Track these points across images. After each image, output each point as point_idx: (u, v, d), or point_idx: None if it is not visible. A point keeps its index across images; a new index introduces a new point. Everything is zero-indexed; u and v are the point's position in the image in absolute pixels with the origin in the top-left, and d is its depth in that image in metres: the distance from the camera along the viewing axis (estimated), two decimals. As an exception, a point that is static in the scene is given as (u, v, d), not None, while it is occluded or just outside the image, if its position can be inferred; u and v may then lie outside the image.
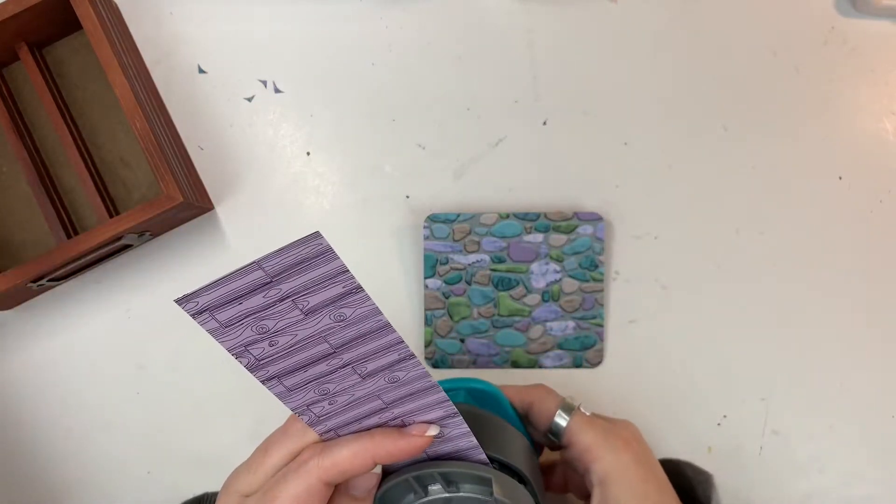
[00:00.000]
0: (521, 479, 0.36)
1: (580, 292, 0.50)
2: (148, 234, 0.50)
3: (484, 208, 0.52)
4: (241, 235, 0.53)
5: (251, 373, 0.31)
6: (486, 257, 0.50)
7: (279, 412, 0.52)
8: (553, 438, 0.40)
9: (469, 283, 0.50)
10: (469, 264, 0.50)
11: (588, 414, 0.40)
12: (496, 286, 0.50)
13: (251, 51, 0.53)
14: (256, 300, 0.28)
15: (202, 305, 0.27)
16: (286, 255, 0.27)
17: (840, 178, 0.52)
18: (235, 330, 0.29)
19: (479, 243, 0.50)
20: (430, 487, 0.34)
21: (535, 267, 0.50)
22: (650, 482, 0.38)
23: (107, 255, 0.50)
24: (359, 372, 0.31)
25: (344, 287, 0.28)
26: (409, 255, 0.52)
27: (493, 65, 0.53)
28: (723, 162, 0.52)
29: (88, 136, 0.52)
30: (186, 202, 0.47)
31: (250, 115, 0.53)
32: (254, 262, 0.26)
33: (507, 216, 0.50)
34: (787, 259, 0.51)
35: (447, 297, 0.50)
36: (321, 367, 0.31)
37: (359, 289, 0.28)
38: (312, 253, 0.27)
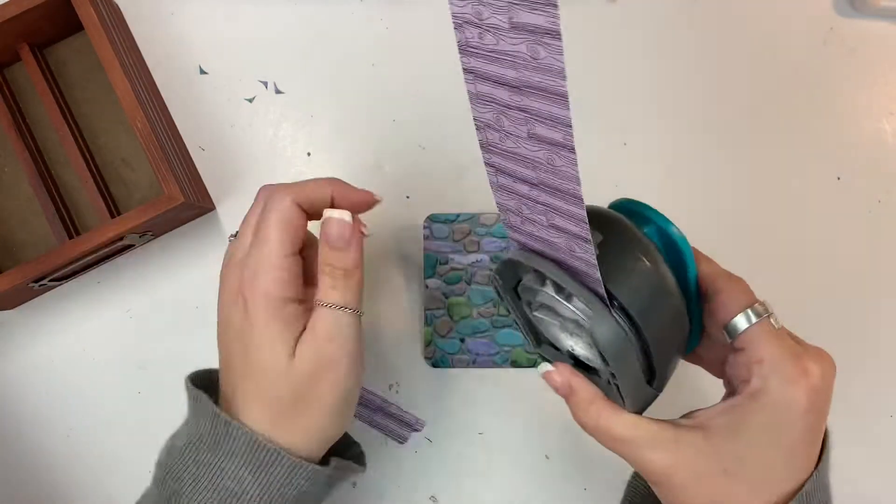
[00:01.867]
0: (638, 332, 0.33)
1: None
2: (149, 234, 0.50)
3: (484, 208, 0.52)
4: (241, 235, 0.53)
5: (482, 151, 0.31)
6: (486, 257, 0.50)
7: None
8: (726, 336, 0.35)
9: (469, 283, 0.50)
10: (469, 264, 0.50)
11: (777, 326, 0.34)
12: None
13: (252, 51, 0.54)
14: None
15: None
16: None
17: (839, 178, 0.52)
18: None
19: (478, 243, 0.50)
20: (546, 282, 0.35)
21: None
22: (804, 424, 0.33)
23: (108, 255, 0.51)
24: (528, 126, 0.30)
25: (546, 21, 0.26)
26: (409, 255, 0.52)
27: (493, 65, 0.53)
28: (722, 162, 0.52)
29: (90, 137, 0.52)
30: (187, 202, 0.47)
31: (251, 115, 0.53)
32: None
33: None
34: (786, 259, 0.51)
35: (447, 297, 0.50)
36: (504, 93, 0.29)
37: (557, 34, 0.27)
38: None
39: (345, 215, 0.38)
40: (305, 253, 0.40)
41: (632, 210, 0.36)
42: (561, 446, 0.51)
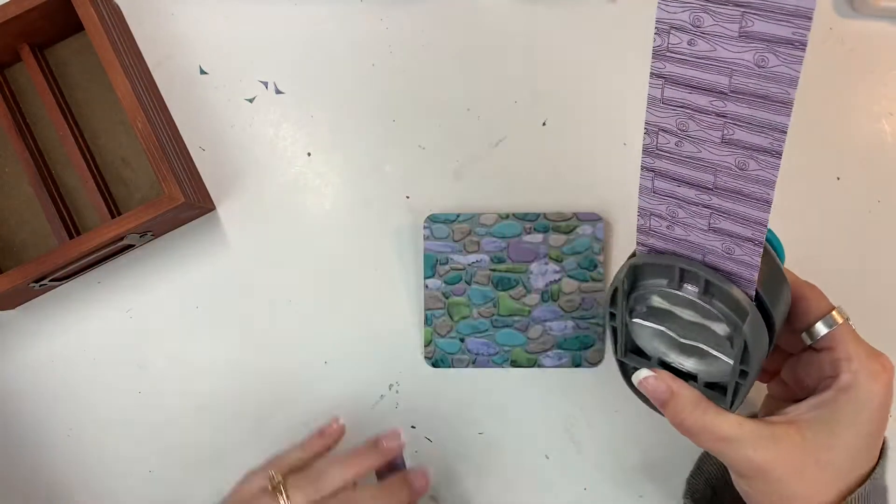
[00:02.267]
0: (770, 329, 0.36)
1: (579, 292, 0.50)
2: (149, 234, 0.50)
3: (484, 208, 0.52)
4: (242, 235, 0.53)
5: (644, 155, 0.31)
6: (486, 257, 0.50)
7: (279, 412, 0.52)
8: (806, 337, 0.39)
9: (469, 283, 0.50)
10: (469, 264, 0.50)
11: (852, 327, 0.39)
12: (496, 286, 0.50)
13: (252, 52, 0.54)
14: None
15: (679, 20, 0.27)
16: None
17: (838, 178, 0.52)
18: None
19: (478, 243, 0.50)
20: (686, 286, 0.36)
21: (534, 267, 0.50)
22: (883, 415, 0.37)
23: (108, 255, 0.51)
24: (724, 132, 0.30)
25: (794, 34, 0.26)
26: (409, 255, 0.52)
27: (493, 65, 0.53)
28: (722, 162, 0.52)
29: (90, 137, 0.52)
30: (188, 202, 0.47)
31: (251, 115, 0.53)
32: None
33: (507, 216, 0.50)
34: (786, 259, 0.51)
35: (447, 297, 0.50)
36: (701, 99, 0.29)
37: (801, 44, 0.26)
38: None
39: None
40: None
41: None
42: (561, 446, 0.51)
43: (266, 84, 0.54)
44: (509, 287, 0.50)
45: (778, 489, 0.37)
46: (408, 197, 0.53)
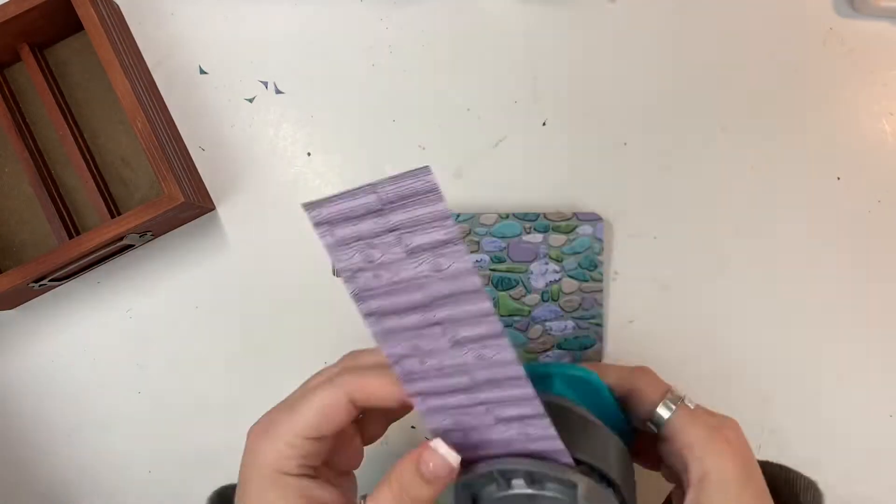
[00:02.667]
0: (610, 483, 0.35)
1: (579, 292, 0.50)
2: (149, 234, 0.50)
3: (484, 208, 0.52)
4: (242, 235, 0.53)
5: (355, 302, 0.31)
6: (486, 257, 0.50)
7: (280, 411, 0.52)
8: (652, 428, 0.38)
9: None
10: None
11: (692, 406, 0.37)
12: (496, 286, 0.50)
13: (252, 52, 0.54)
14: (368, 225, 0.29)
15: (324, 217, 0.29)
16: (399, 184, 0.27)
17: (838, 178, 0.52)
18: (347, 251, 0.29)
19: (478, 243, 0.50)
20: (513, 482, 0.34)
21: (534, 267, 0.50)
22: (749, 489, 0.35)
23: (108, 255, 0.51)
24: (448, 336, 0.31)
25: (445, 234, 0.29)
26: (410, 255, 0.52)
27: (493, 65, 0.53)
28: (721, 162, 0.52)
29: (90, 137, 0.52)
30: (188, 202, 0.47)
31: (251, 115, 0.53)
32: (369, 185, 0.28)
33: (507, 216, 0.50)
34: (785, 259, 0.51)
35: None
36: (415, 318, 0.31)
37: (458, 241, 0.29)
38: (421, 188, 0.28)
39: (452, 457, 0.33)
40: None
41: (532, 374, 0.35)
42: (561, 446, 0.51)
43: (266, 84, 0.54)
44: (509, 287, 0.50)
45: None
46: (408, 197, 0.53)
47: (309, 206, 0.28)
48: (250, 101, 0.54)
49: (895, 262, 0.51)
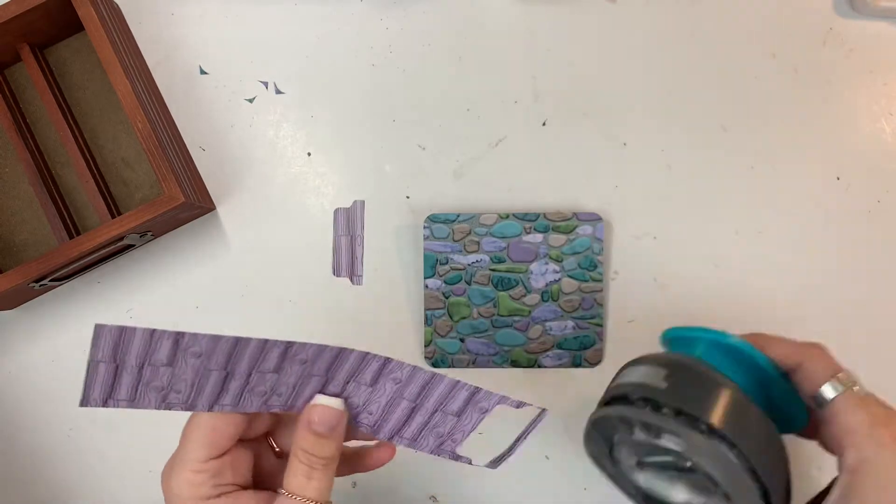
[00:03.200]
0: (723, 437, 0.34)
1: (579, 292, 0.50)
2: (149, 234, 0.50)
3: (484, 208, 0.52)
4: (242, 235, 0.53)
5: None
6: (486, 257, 0.50)
7: (280, 411, 0.52)
8: (816, 406, 0.36)
9: (469, 283, 0.50)
10: (469, 264, 0.50)
11: (863, 393, 0.35)
12: (496, 286, 0.50)
13: (252, 52, 0.54)
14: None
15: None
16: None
17: (838, 178, 0.52)
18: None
19: (478, 243, 0.50)
20: (634, 432, 0.36)
21: (534, 267, 0.50)
22: None
23: (108, 255, 0.51)
24: (361, 382, 0.36)
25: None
26: (409, 255, 0.52)
27: (493, 65, 0.53)
28: (722, 162, 0.52)
29: (90, 137, 0.52)
30: (188, 202, 0.47)
31: (251, 115, 0.53)
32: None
33: (507, 216, 0.50)
34: (785, 259, 0.51)
35: (447, 297, 0.50)
36: (334, 388, 0.36)
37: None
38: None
39: (333, 402, 0.35)
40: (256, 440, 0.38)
41: (682, 337, 0.39)
42: (561, 446, 0.51)
43: (266, 84, 0.54)
44: (509, 287, 0.50)
45: None
46: (408, 197, 0.53)
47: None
48: (250, 101, 0.54)
49: (895, 261, 0.51)
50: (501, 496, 0.51)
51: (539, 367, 0.50)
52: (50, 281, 0.49)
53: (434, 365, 0.50)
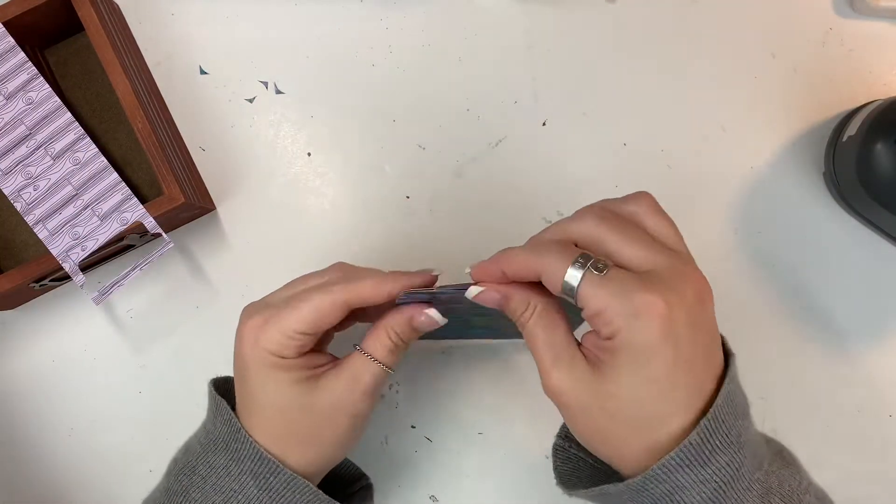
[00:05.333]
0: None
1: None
2: (149, 234, 0.50)
3: (484, 208, 0.52)
4: (242, 235, 0.53)
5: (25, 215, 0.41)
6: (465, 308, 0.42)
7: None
8: (572, 301, 0.34)
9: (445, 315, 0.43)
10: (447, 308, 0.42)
11: (604, 272, 0.33)
12: (470, 313, 0.43)
13: (252, 52, 0.54)
14: None
15: None
16: None
17: (838, 178, 0.52)
18: None
19: (451, 310, 0.42)
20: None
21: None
22: (662, 358, 0.32)
23: (108, 255, 0.51)
24: (50, 153, 0.40)
25: (28, 74, 0.39)
26: (408, 256, 0.52)
27: (492, 65, 0.53)
28: (722, 162, 0.52)
29: (90, 137, 0.52)
30: (188, 203, 0.47)
31: (251, 115, 0.53)
32: None
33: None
34: (785, 259, 0.51)
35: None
36: (22, 150, 0.40)
37: (37, 76, 0.40)
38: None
39: (440, 318, 0.40)
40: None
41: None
42: (561, 446, 0.51)
43: (266, 84, 0.54)
44: (485, 314, 0.41)
45: (574, 426, 0.35)
46: (408, 197, 0.53)
47: None
48: (250, 101, 0.54)
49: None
50: (501, 496, 0.51)
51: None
52: (50, 281, 0.49)
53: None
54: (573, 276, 0.33)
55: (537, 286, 0.36)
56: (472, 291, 0.37)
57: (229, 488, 0.37)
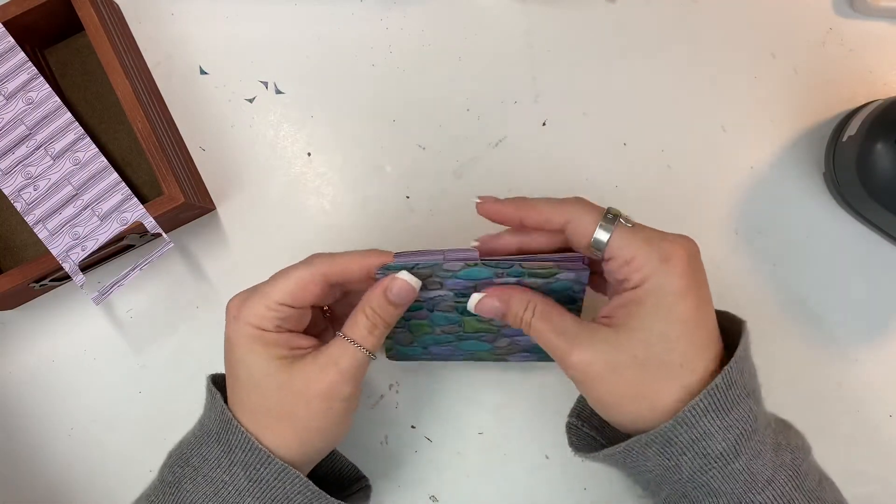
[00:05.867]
0: None
1: None
2: (149, 234, 0.50)
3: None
4: (242, 235, 0.53)
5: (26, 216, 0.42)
6: (450, 293, 0.42)
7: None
8: (598, 254, 0.37)
9: (431, 311, 0.43)
10: (430, 297, 0.42)
11: (631, 224, 0.37)
12: (461, 313, 0.43)
13: (252, 52, 0.54)
14: None
15: None
16: None
17: (838, 178, 0.52)
18: None
19: (441, 283, 0.41)
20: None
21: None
22: (689, 299, 0.35)
23: (108, 255, 0.51)
24: (50, 153, 0.39)
25: (28, 74, 0.39)
26: (410, 255, 0.52)
27: (492, 65, 0.53)
28: (722, 162, 0.52)
29: (90, 137, 0.52)
30: (188, 203, 0.47)
31: (251, 115, 0.53)
32: None
33: (475, 264, 0.40)
34: (786, 259, 0.52)
35: (408, 321, 0.45)
36: (22, 150, 0.40)
37: (37, 76, 0.39)
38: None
39: (412, 280, 0.40)
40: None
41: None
42: (561, 446, 0.51)
43: (266, 84, 0.54)
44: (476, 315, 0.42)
45: (602, 389, 0.36)
46: (408, 197, 0.53)
47: None
48: (250, 101, 0.54)
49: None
50: (501, 496, 0.51)
51: (504, 361, 0.47)
52: (50, 281, 0.49)
53: (394, 358, 0.48)
54: (605, 227, 0.36)
55: (529, 290, 0.39)
56: (474, 300, 0.40)
57: (220, 479, 0.38)
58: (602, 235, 0.36)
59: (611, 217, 0.37)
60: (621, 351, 0.36)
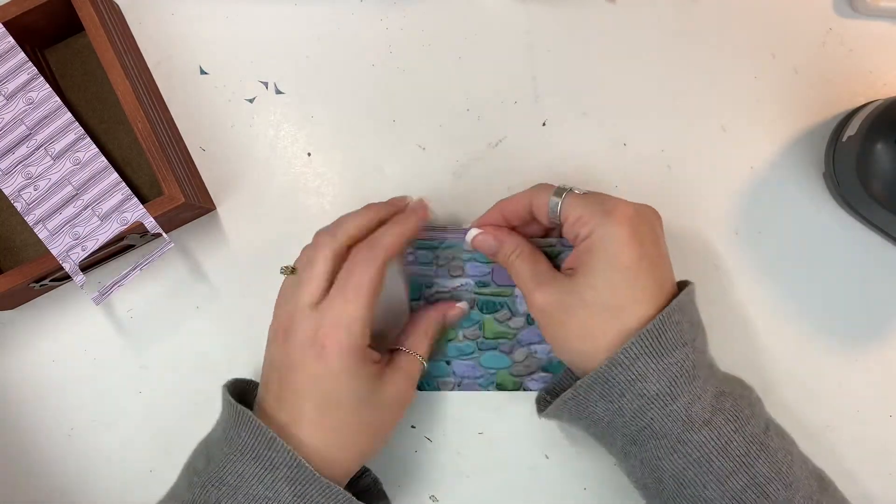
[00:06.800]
0: None
1: None
2: (150, 234, 0.50)
3: (484, 207, 0.52)
4: (242, 235, 0.53)
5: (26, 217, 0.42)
6: (471, 281, 0.50)
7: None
8: (555, 221, 0.43)
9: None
10: (454, 288, 0.50)
11: (581, 193, 0.43)
12: (481, 309, 0.50)
13: (252, 52, 0.54)
14: None
15: None
16: None
17: (838, 178, 0.52)
18: None
19: (462, 268, 0.50)
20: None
21: (519, 290, 0.49)
22: (632, 248, 0.39)
23: (109, 255, 0.51)
24: (50, 153, 0.39)
25: (28, 74, 0.39)
26: (408, 257, 0.52)
27: (492, 65, 0.53)
28: (722, 162, 0.52)
29: (90, 137, 0.52)
30: (188, 203, 0.47)
31: (251, 115, 0.53)
32: None
33: None
34: (786, 259, 0.51)
35: None
36: (22, 150, 0.40)
37: (37, 76, 0.40)
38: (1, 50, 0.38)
39: (466, 307, 0.49)
40: None
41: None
42: (561, 446, 0.51)
43: (266, 84, 0.54)
44: (494, 310, 0.50)
45: (558, 329, 0.41)
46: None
47: None
48: (250, 101, 0.54)
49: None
50: (501, 496, 0.51)
51: (524, 390, 0.50)
52: (50, 281, 0.49)
53: (419, 388, 0.50)
54: (557, 195, 0.43)
55: (522, 237, 0.45)
56: (472, 234, 0.46)
57: (262, 496, 0.38)
58: (554, 203, 0.43)
59: (563, 189, 0.43)
60: (573, 294, 0.40)
